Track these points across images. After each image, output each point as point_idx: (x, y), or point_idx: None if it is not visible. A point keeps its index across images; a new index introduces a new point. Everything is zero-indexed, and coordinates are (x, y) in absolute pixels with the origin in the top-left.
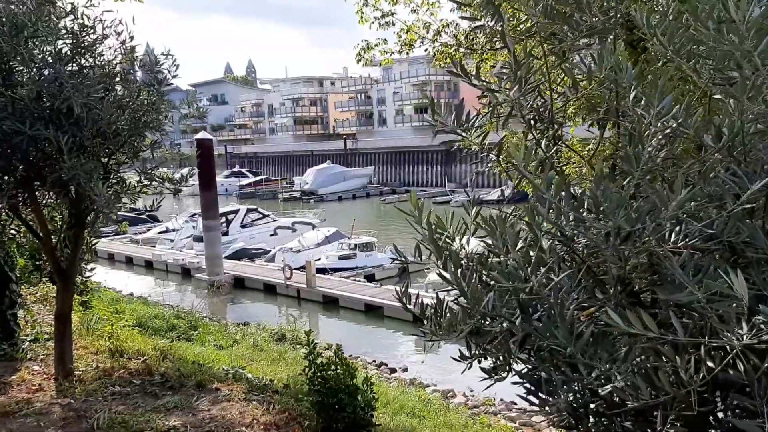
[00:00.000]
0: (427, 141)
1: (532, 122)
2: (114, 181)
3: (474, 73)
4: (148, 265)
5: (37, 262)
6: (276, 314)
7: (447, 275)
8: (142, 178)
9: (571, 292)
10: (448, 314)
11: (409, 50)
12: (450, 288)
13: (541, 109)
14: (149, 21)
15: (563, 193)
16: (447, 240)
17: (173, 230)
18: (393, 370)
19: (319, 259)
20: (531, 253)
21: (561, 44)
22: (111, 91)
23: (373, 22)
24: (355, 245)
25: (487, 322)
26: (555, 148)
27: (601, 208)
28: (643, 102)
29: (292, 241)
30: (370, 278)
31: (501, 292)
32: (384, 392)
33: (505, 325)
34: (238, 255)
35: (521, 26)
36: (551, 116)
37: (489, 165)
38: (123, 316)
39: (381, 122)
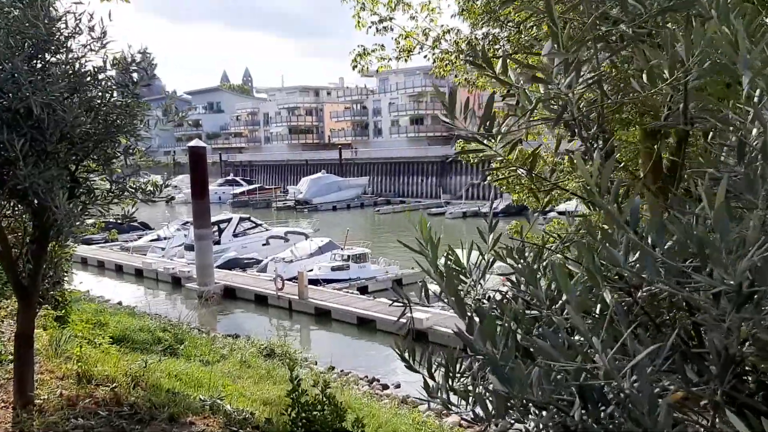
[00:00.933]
0: (422, 152)
1: (578, 129)
2: (82, 191)
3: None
4: (138, 274)
5: None
6: (266, 326)
7: (473, 341)
8: (113, 187)
9: (656, 372)
10: (473, 392)
11: (408, 57)
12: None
13: (587, 113)
14: (144, 28)
15: (651, 228)
16: (463, 278)
17: (165, 238)
18: (385, 387)
19: (312, 270)
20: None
21: (616, 26)
22: (78, 92)
23: (370, 27)
24: (348, 256)
25: (531, 410)
26: (608, 162)
27: (711, 254)
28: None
29: (284, 251)
30: (362, 290)
31: (548, 368)
32: (376, 414)
33: (557, 417)
34: (230, 264)
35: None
36: (601, 121)
37: (486, 177)
38: (100, 332)
39: (376, 133)
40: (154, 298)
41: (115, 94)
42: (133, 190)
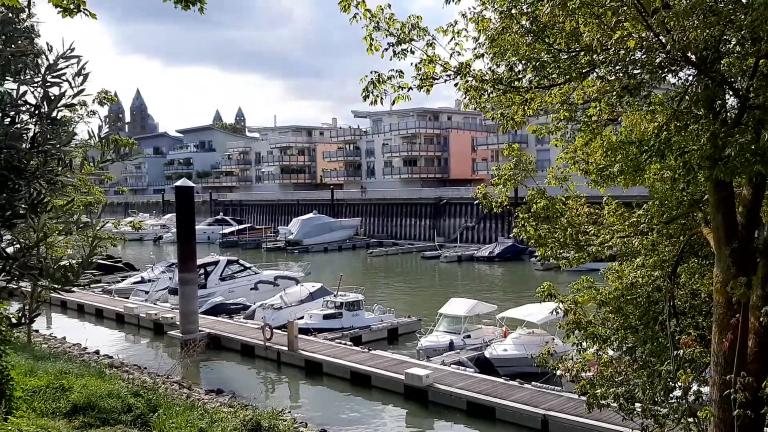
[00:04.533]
0: (415, 194)
1: None
2: None
3: None
4: (120, 319)
5: None
6: (253, 380)
7: None
8: (6, 265)
9: None
10: None
11: (431, 86)
12: None
13: None
14: (136, 70)
15: None
16: None
17: (149, 280)
18: None
19: (302, 318)
20: None
21: None
22: None
23: (386, 50)
24: (341, 303)
25: None
26: None
27: None
28: None
29: (274, 296)
30: (356, 340)
31: None
32: None
33: None
34: (216, 310)
35: None
36: None
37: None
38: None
39: (369, 173)
40: (134, 345)
41: (23, 119)
42: (37, 271)
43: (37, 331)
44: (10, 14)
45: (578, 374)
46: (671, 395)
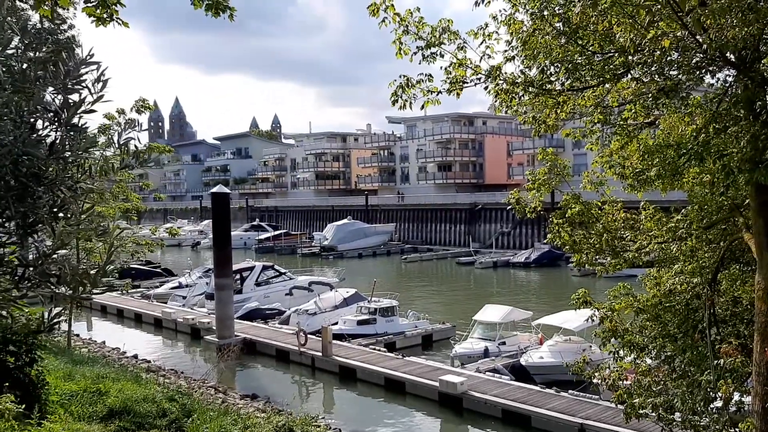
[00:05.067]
0: (450, 199)
1: None
2: None
3: None
4: (158, 324)
5: None
6: (288, 385)
7: None
8: (26, 272)
9: None
10: None
11: (460, 90)
12: None
13: None
14: (174, 79)
15: None
16: None
17: (186, 286)
18: None
19: (336, 324)
20: None
21: None
22: None
23: (415, 53)
24: (376, 309)
25: None
26: None
27: None
28: None
29: (308, 302)
30: (390, 347)
31: None
32: None
33: None
34: (251, 315)
35: None
36: None
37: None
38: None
39: (403, 179)
40: (172, 350)
41: (41, 126)
42: (55, 278)
43: (77, 335)
44: (53, 26)
45: (615, 383)
46: (711, 406)
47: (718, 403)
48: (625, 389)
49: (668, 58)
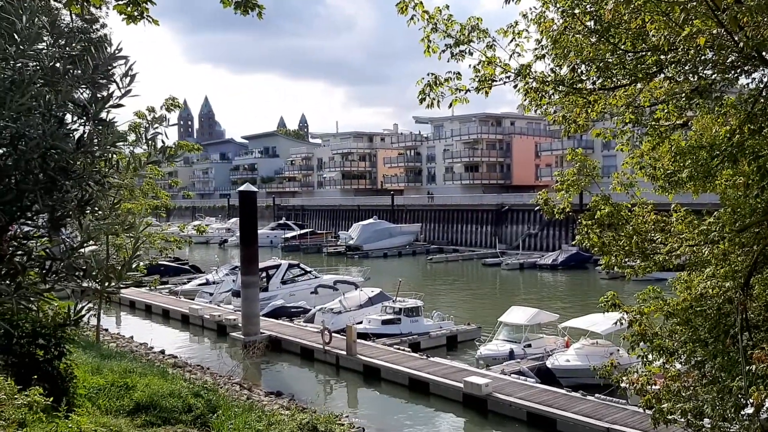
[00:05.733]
0: (476, 200)
1: None
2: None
3: None
4: (185, 320)
5: None
6: (312, 383)
7: None
8: (53, 266)
9: None
10: None
11: (489, 88)
12: None
13: None
14: (203, 78)
15: None
16: None
17: (213, 283)
18: None
19: (361, 323)
20: None
21: None
22: None
23: (443, 51)
24: (400, 309)
25: None
26: None
27: None
28: None
29: (333, 300)
30: (415, 347)
31: None
32: None
33: None
34: (277, 313)
35: None
36: None
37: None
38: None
39: (430, 179)
40: (198, 346)
41: (70, 120)
42: (81, 272)
43: (106, 330)
44: (85, 24)
45: (644, 387)
46: (742, 412)
47: (749, 410)
48: (653, 394)
49: (702, 57)
